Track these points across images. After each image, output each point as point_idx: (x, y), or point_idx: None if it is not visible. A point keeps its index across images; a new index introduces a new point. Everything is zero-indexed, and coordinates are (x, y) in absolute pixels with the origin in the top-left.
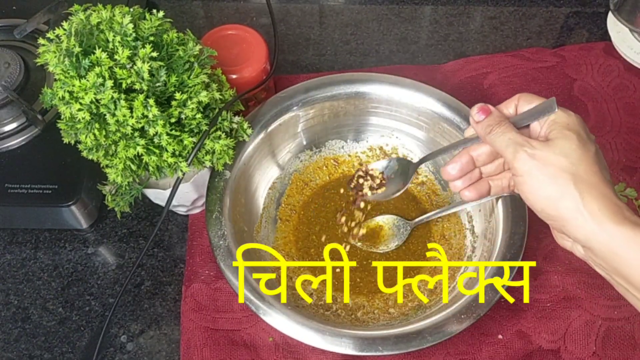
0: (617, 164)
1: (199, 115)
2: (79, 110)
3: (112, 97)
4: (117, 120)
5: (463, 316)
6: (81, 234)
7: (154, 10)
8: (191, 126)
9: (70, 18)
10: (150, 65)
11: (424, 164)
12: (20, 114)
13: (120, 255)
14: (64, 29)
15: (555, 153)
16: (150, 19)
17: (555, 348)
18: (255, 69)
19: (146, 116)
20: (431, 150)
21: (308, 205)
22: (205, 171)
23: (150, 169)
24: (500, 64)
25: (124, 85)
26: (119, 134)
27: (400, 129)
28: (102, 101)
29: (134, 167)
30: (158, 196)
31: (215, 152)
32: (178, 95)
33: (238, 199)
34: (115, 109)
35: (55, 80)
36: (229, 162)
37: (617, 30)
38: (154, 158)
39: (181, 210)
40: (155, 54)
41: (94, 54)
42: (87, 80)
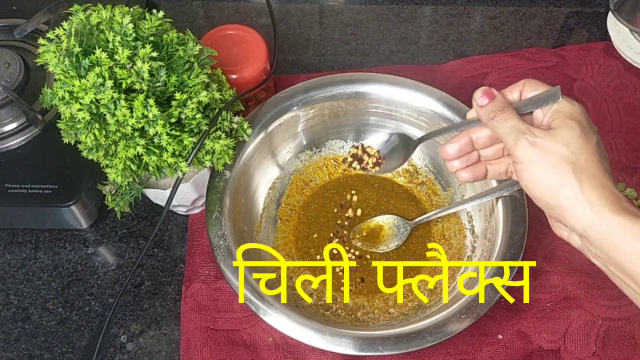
0: (617, 164)
1: (199, 115)
2: (79, 110)
3: (112, 97)
4: (117, 120)
5: (463, 316)
6: (81, 234)
7: (154, 10)
8: (191, 126)
9: (70, 18)
10: (150, 65)
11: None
12: (20, 114)
13: (120, 255)
14: (64, 29)
15: (557, 142)
16: (150, 19)
17: (555, 348)
18: (255, 69)
19: (146, 116)
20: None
21: (308, 205)
22: (205, 171)
23: (150, 169)
24: (500, 64)
25: (124, 85)
26: (119, 134)
27: (400, 129)
28: (102, 101)
29: (134, 167)
30: (158, 196)
31: (215, 152)
32: (178, 95)
33: (238, 199)
34: (115, 109)
35: (55, 80)
36: (229, 162)
37: (617, 30)
38: (154, 158)
39: (181, 210)
40: (155, 54)
41: (94, 54)
42: (87, 80)
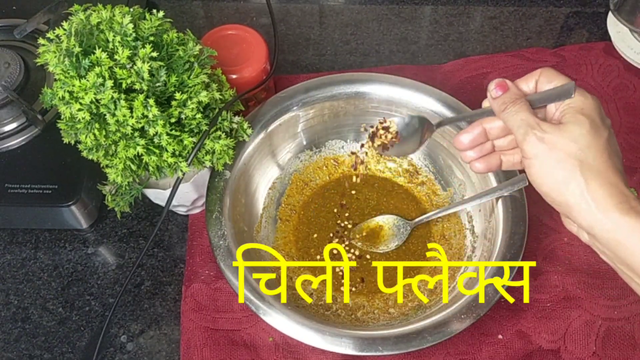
0: None
1: (199, 115)
2: (79, 110)
3: (112, 97)
4: (117, 120)
5: (463, 316)
6: (81, 234)
7: (154, 10)
8: (191, 126)
9: (70, 18)
10: (150, 65)
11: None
12: (20, 114)
13: (120, 255)
14: (64, 29)
15: (565, 138)
16: (150, 19)
17: (555, 348)
18: (255, 69)
19: (146, 116)
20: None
21: (308, 205)
22: (205, 171)
23: (150, 169)
24: (500, 64)
25: (124, 85)
26: (119, 134)
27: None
28: (102, 101)
29: (134, 167)
30: (158, 196)
31: (215, 152)
32: (178, 95)
33: (238, 199)
34: (115, 109)
35: (55, 80)
36: (229, 162)
37: (617, 30)
38: (154, 158)
39: (181, 210)
40: (155, 54)
41: (94, 54)
42: (87, 80)
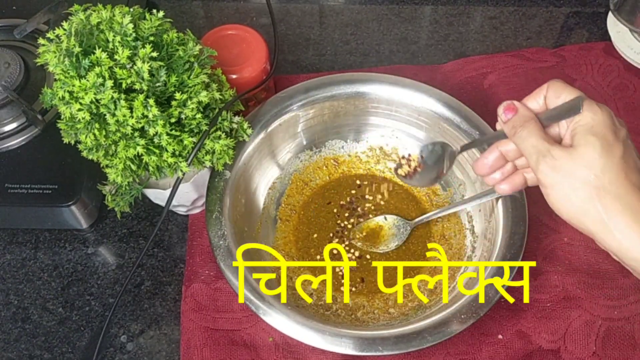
0: None
1: (199, 115)
2: (79, 110)
3: (112, 97)
4: (117, 120)
5: (463, 316)
6: (81, 234)
7: (154, 10)
8: (191, 126)
9: (70, 18)
10: (150, 65)
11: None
12: (20, 114)
13: (120, 255)
14: (64, 29)
15: (578, 164)
16: (150, 19)
17: (555, 348)
18: (255, 69)
19: (146, 116)
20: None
21: (308, 205)
22: (205, 171)
23: (150, 169)
24: (500, 64)
25: (124, 85)
26: (119, 134)
27: (400, 129)
28: (102, 101)
29: (134, 167)
30: (158, 196)
31: (215, 152)
32: (178, 95)
33: (238, 199)
34: (115, 109)
35: (55, 80)
36: (229, 162)
37: (617, 30)
38: (154, 158)
39: (181, 210)
40: (155, 54)
41: (94, 54)
42: (87, 80)
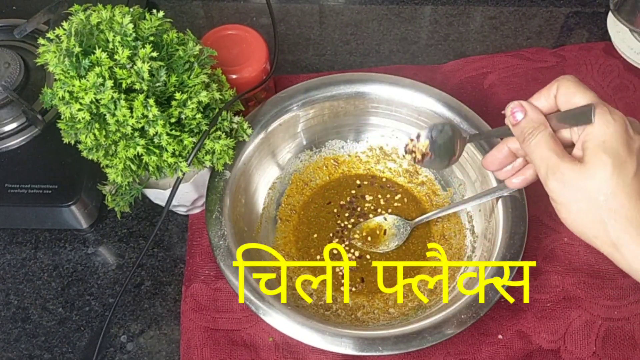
0: None
1: (199, 115)
2: (79, 110)
3: (112, 97)
4: (117, 120)
5: (463, 316)
6: (81, 234)
7: (154, 10)
8: (191, 126)
9: (70, 18)
10: (150, 65)
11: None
12: (20, 114)
13: (120, 255)
14: (64, 29)
15: (588, 185)
16: (150, 19)
17: (555, 348)
18: (255, 69)
19: (146, 116)
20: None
21: (308, 205)
22: (205, 171)
23: (150, 169)
24: (500, 64)
25: (124, 85)
26: (119, 134)
27: (400, 129)
28: (102, 101)
29: (134, 167)
30: (158, 196)
31: (215, 152)
32: (178, 95)
33: (238, 199)
34: (115, 109)
35: (55, 80)
36: (229, 162)
37: (617, 30)
38: (154, 158)
39: (181, 210)
40: (155, 54)
41: (94, 54)
42: (87, 80)
